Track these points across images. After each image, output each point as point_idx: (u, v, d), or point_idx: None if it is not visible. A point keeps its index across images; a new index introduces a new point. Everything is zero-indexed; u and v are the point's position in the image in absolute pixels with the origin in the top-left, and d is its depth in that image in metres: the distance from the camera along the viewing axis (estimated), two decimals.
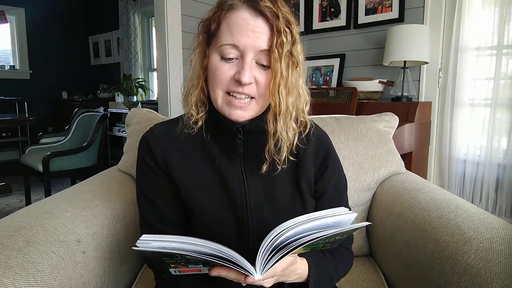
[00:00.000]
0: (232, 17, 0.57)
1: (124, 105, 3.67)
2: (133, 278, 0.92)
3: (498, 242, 0.63)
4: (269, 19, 0.56)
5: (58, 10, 4.57)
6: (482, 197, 1.88)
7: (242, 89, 0.58)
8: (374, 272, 0.93)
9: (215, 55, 0.60)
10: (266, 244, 0.46)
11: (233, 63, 0.59)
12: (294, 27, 0.59)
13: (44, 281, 0.60)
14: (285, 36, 0.56)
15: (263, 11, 0.56)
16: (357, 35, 2.25)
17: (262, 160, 0.63)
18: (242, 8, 0.57)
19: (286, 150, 0.62)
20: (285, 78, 0.58)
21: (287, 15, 0.58)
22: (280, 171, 0.64)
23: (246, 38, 0.56)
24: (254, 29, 0.56)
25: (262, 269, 0.47)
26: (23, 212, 0.76)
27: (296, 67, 0.60)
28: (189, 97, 0.64)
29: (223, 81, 0.59)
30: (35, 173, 2.54)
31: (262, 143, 0.63)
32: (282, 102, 0.59)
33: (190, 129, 0.64)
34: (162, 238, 0.45)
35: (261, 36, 0.57)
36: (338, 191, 0.73)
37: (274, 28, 0.56)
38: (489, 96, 1.84)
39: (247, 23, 0.56)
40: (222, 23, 0.58)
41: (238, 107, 0.60)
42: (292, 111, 0.61)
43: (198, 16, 0.64)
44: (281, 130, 0.61)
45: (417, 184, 0.96)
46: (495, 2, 1.77)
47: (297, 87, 0.62)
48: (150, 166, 0.65)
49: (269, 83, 0.59)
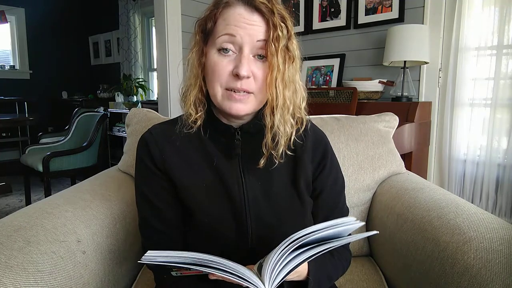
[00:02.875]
0: (228, 13, 0.59)
1: (124, 105, 3.67)
2: (133, 278, 0.91)
3: (498, 242, 0.63)
4: (265, 14, 0.58)
5: (58, 10, 4.56)
6: (482, 197, 1.88)
7: (241, 84, 0.58)
8: (374, 272, 0.93)
9: (212, 50, 0.60)
10: (275, 259, 0.45)
11: (230, 57, 0.59)
12: (289, 22, 0.60)
13: (44, 281, 0.60)
14: (281, 31, 0.58)
15: (258, 6, 0.57)
16: (357, 35, 2.25)
17: (260, 158, 0.63)
18: (238, 4, 0.58)
19: (284, 144, 0.63)
20: (281, 72, 0.59)
21: (282, 11, 0.60)
22: (278, 167, 0.64)
23: (243, 30, 0.57)
24: (250, 22, 0.58)
25: (271, 283, 0.45)
26: (23, 212, 0.76)
27: (292, 61, 0.61)
28: (188, 96, 0.64)
29: (221, 76, 0.59)
30: (35, 173, 2.54)
31: (260, 143, 0.63)
32: (279, 95, 0.59)
33: (189, 128, 0.64)
34: (168, 254, 0.44)
35: (257, 28, 0.58)
36: (336, 190, 0.73)
37: (270, 23, 0.58)
38: (489, 96, 1.84)
39: (243, 17, 0.58)
40: (219, 20, 0.60)
41: (237, 99, 0.60)
42: (289, 105, 0.62)
43: (198, 16, 0.64)
44: (279, 124, 0.61)
45: (417, 184, 0.96)
46: (495, 2, 1.77)
47: (294, 82, 0.63)
48: (149, 167, 0.65)
49: (266, 77, 0.59)
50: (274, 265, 0.44)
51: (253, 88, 0.60)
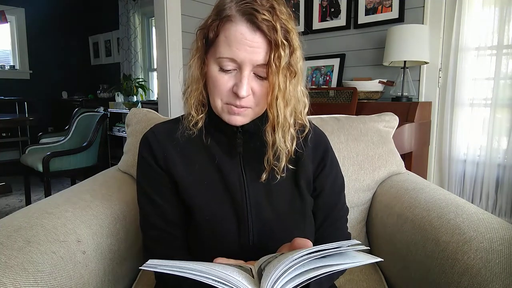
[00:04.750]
0: (230, 30, 0.57)
1: (124, 105, 3.67)
2: (133, 278, 0.91)
3: (498, 242, 0.63)
4: (267, 34, 0.56)
5: (58, 10, 4.56)
6: (482, 197, 1.88)
7: (240, 102, 0.59)
8: (374, 272, 0.93)
9: (213, 65, 0.60)
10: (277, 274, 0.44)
11: (231, 74, 0.59)
12: (293, 35, 0.59)
13: (44, 281, 0.60)
14: (283, 50, 0.56)
15: (260, 26, 0.55)
16: (357, 35, 2.25)
17: (261, 159, 0.64)
18: (240, 22, 0.56)
19: (285, 159, 0.63)
20: (282, 90, 0.58)
21: (286, 23, 0.57)
22: (279, 178, 0.64)
23: (244, 52, 0.56)
24: (251, 44, 0.56)
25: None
26: (23, 212, 0.76)
27: (294, 76, 0.61)
28: (189, 99, 0.65)
29: (222, 92, 0.60)
30: (35, 173, 2.54)
31: (261, 143, 0.64)
32: (280, 114, 0.59)
33: (190, 131, 0.65)
34: (168, 264, 0.44)
35: (258, 50, 0.56)
36: (336, 189, 0.73)
37: (272, 43, 0.56)
38: (489, 96, 1.84)
39: (244, 37, 0.56)
40: (220, 35, 0.58)
41: (236, 113, 0.61)
42: (290, 121, 0.62)
43: (198, 16, 0.64)
44: (280, 142, 0.61)
45: (417, 184, 0.96)
46: (495, 2, 1.77)
47: (295, 95, 0.63)
48: (151, 165, 0.66)
49: (267, 95, 0.59)
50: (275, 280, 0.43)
51: (251, 103, 0.61)
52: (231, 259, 0.53)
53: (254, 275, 0.48)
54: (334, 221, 0.72)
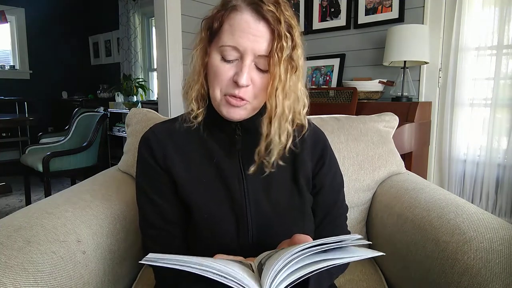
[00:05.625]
0: (235, 19, 0.58)
1: (124, 105, 3.67)
2: (133, 278, 0.92)
3: (498, 242, 0.63)
4: (271, 23, 0.57)
5: (58, 10, 4.56)
6: (482, 197, 1.88)
7: (239, 91, 0.59)
8: (374, 272, 0.93)
9: (216, 54, 0.60)
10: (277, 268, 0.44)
11: (233, 63, 0.60)
12: (296, 31, 0.59)
13: (44, 281, 0.60)
14: (286, 41, 0.57)
15: (265, 15, 0.57)
16: (357, 35, 2.25)
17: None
18: (246, 10, 0.57)
19: (276, 154, 0.62)
20: (283, 82, 0.59)
21: (290, 19, 0.59)
22: (277, 169, 0.64)
23: (247, 40, 0.57)
24: (255, 33, 0.57)
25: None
26: (23, 212, 0.76)
27: (295, 71, 0.61)
28: (190, 92, 0.65)
29: (222, 82, 0.60)
30: (35, 173, 2.54)
31: (260, 140, 0.64)
32: (279, 105, 0.59)
33: (189, 123, 0.65)
34: (169, 258, 0.44)
35: (261, 40, 0.57)
36: (335, 187, 0.74)
37: (275, 33, 0.57)
38: (489, 96, 1.84)
39: (248, 26, 0.57)
40: (225, 23, 0.59)
41: (234, 105, 0.61)
42: (288, 114, 0.62)
43: (198, 16, 0.64)
44: (274, 134, 0.61)
45: (417, 184, 0.96)
46: (495, 2, 1.77)
47: (295, 91, 0.63)
48: (151, 165, 0.66)
49: (267, 86, 0.59)
50: (276, 274, 0.43)
51: (250, 95, 0.60)
52: (231, 255, 0.54)
53: (254, 270, 0.48)
54: (333, 219, 0.72)
